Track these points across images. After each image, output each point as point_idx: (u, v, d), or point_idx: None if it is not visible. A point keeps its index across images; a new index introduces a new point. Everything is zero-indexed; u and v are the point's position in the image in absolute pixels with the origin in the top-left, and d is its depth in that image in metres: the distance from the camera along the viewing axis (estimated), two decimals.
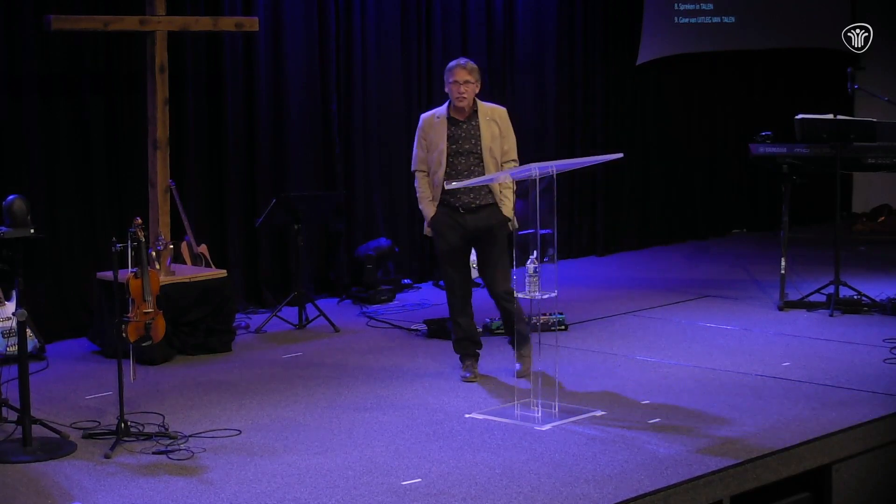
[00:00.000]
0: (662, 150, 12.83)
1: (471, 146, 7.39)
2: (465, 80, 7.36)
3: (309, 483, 5.82)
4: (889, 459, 6.73)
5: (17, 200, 6.44)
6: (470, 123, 7.42)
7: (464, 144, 7.39)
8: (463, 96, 7.36)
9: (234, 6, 9.56)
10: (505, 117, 7.51)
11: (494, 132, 7.43)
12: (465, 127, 7.42)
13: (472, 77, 7.39)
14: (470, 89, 7.38)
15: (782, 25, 13.50)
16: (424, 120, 7.54)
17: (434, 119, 7.48)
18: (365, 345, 8.61)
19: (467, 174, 7.31)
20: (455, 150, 7.40)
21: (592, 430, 6.56)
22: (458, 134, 7.42)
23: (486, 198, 7.40)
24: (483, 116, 7.43)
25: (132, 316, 7.06)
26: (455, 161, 7.40)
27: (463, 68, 7.40)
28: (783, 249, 9.54)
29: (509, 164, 7.44)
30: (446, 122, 7.43)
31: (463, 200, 7.40)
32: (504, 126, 7.48)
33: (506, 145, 7.48)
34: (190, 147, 9.46)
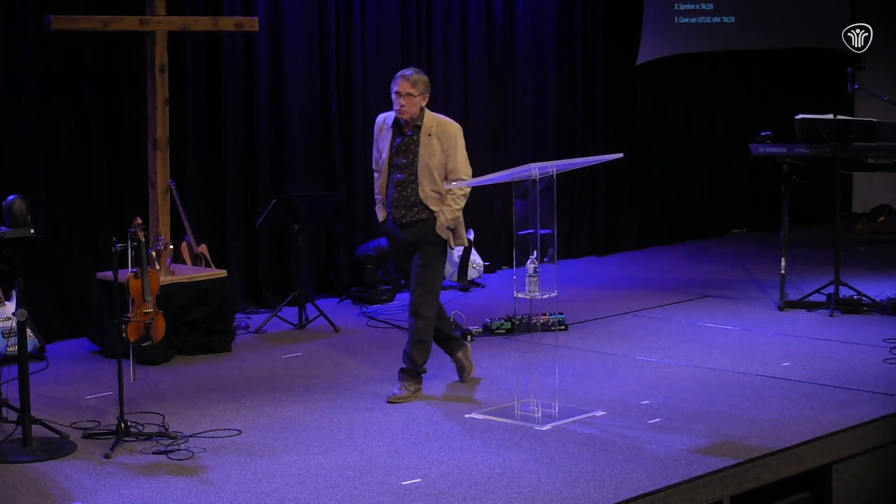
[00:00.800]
0: (662, 150, 12.83)
1: (407, 161, 7.13)
2: (406, 93, 7.03)
3: (309, 483, 5.82)
4: (889, 459, 6.73)
5: (17, 200, 6.44)
6: (411, 138, 7.14)
7: (402, 159, 7.14)
8: (403, 109, 7.05)
9: (234, 6, 9.56)
10: (453, 135, 7.11)
11: (434, 150, 7.08)
12: (406, 140, 7.15)
13: (414, 90, 7.02)
14: (412, 103, 7.03)
15: (782, 25, 13.50)
16: (378, 122, 7.31)
17: (384, 124, 7.25)
18: (365, 345, 8.61)
19: (401, 188, 7.13)
20: (394, 163, 7.17)
21: (592, 430, 6.56)
22: (399, 146, 7.16)
23: (420, 214, 7.15)
24: (425, 132, 7.10)
25: (132, 316, 7.06)
26: (393, 172, 7.19)
27: (406, 80, 7.05)
28: (783, 249, 9.54)
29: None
30: (392, 131, 7.18)
31: (396, 215, 7.21)
32: (449, 144, 7.09)
33: (451, 164, 7.10)
34: (190, 147, 9.46)
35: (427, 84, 7.12)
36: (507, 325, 8.73)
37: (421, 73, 7.13)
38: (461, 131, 7.18)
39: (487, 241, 11.23)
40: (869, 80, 11.87)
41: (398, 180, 7.16)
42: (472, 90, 11.28)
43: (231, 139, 9.69)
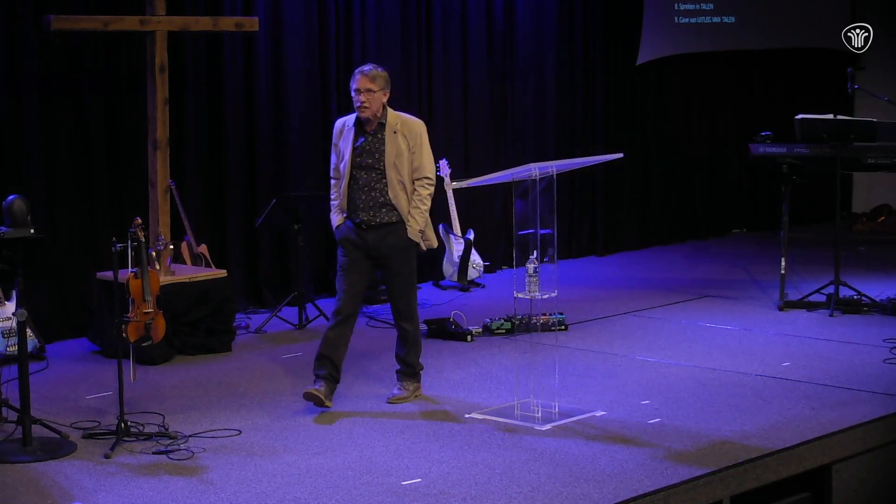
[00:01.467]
0: (662, 150, 12.83)
1: (373, 161, 6.90)
2: (366, 89, 6.83)
3: (309, 483, 5.82)
4: (889, 459, 6.73)
5: (17, 200, 6.44)
6: (375, 136, 6.92)
7: (366, 159, 6.91)
8: (364, 106, 6.84)
9: (234, 6, 9.56)
10: (418, 132, 6.95)
11: (400, 147, 6.90)
12: (370, 140, 6.93)
13: (374, 85, 6.84)
14: (372, 99, 6.84)
15: (782, 25, 13.50)
16: (337, 126, 7.08)
17: (344, 127, 7.01)
18: (365, 345, 8.61)
19: (368, 190, 6.89)
20: (358, 164, 6.92)
21: (592, 430, 6.56)
22: (363, 147, 6.93)
23: (389, 216, 6.92)
24: (389, 130, 6.92)
25: (132, 316, 7.06)
26: (357, 175, 6.94)
27: (365, 75, 6.88)
28: (783, 249, 9.54)
29: (421, 182, 6.95)
30: (353, 132, 6.96)
31: (363, 217, 6.93)
32: (415, 142, 6.93)
33: (416, 162, 6.93)
34: (190, 147, 9.46)
35: (387, 80, 6.94)
36: (507, 325, 8.73)
37: (380, 68, 6.97)
38: (425, 128, 7.03)
39: (487, 241, 11.24)
40: (869, 80, 11.88)
41: (364, 182, 6.92)
42: (472, 90, 11.28)
43: (231, 139, 9.69)
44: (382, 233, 6.95)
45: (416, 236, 6.98)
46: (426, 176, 6.97)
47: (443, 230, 10.57)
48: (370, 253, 6.99)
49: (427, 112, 10.94)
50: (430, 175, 6.99)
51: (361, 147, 6.93)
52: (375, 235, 6.95)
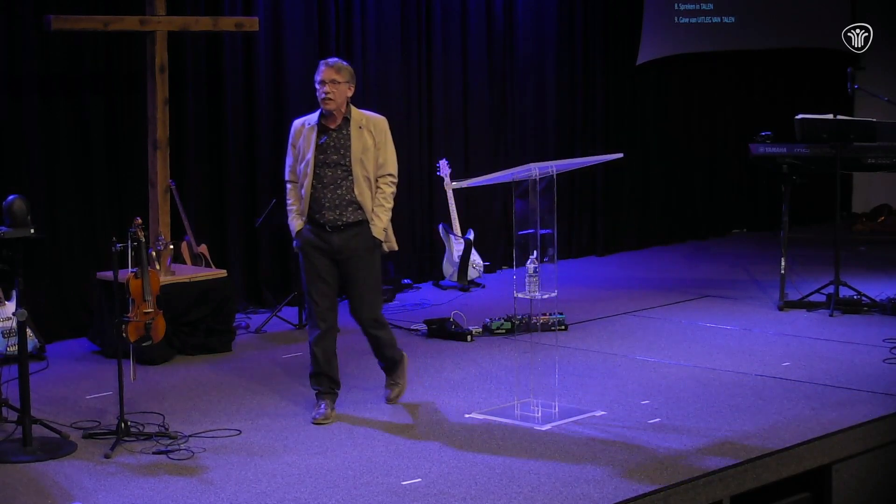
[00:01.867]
0: (662, 150, 12.83)
1: (339, 157, 6.71)
2: (330, 80, 6.64)
3: (309, 483, 5.82)
4: (889, 459, 6.73)
5: (17, 200, 6.44)
6: (340, 132, 6.74)
7: (331, 155, 6.70)
8: (329, 97, 6.64)
9: (234, 6, 9.56)
10: (382, 128, 6.81)
11: (367, 143, 6.73)
12: (334, 136, 6.73)
13: (339, 76, 6.65)
14: (337, 90, 6.65)
15: (782, 25, 13.50)
16: (295, 126, 6.86)
17: (304, 126, 6.80)
18: (365, 345, 8.57)
19: (334, 188, 6.69)
20: (322, 161, 6.70)
21: (592, 430, 6.56)
22: (327, 143, 6.72)
23: (355, 215, 6.72)
24: (355, 125, 6.75)
25: (132, 316, 7.06)
26: (322, 173, 6.71)
27: (330, 67, 6.69)
28: (783, 249, 9.54)
29: (385, 180, 6.79)
30: (316, 129, 6.75)
31: (328, 218, 6.70)
32: (380, 138, 6.78)
33: (381, 158, 6.77)
34: (190, 147, 9.46)
35: (352, 74, 6.76)
36: (507, 325, 8.73)
37: (344, 61, 6.79)
38: (388, 125, 6.88)
39: (487, 241, 11.24)
40: (869, 80, 11.87)
41: (330, 179, 6.70)
42: (472, 90, 11.28)
43: (231, 139, 9.69)
44: (348, 234, 6.73)
45: (381, 234, 6.78)
46: (390, 173, 6.80)
47: (443, 230, 10.58)
48: (335, 257, 6.75)
49: (427, 112, 10.95)
50: (394, 172, 6.83)
51: (326, 144, 6.72)
52: (341, 238, 6.72)
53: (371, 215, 6.74)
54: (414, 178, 10.87)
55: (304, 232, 6.77)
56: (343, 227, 6.71)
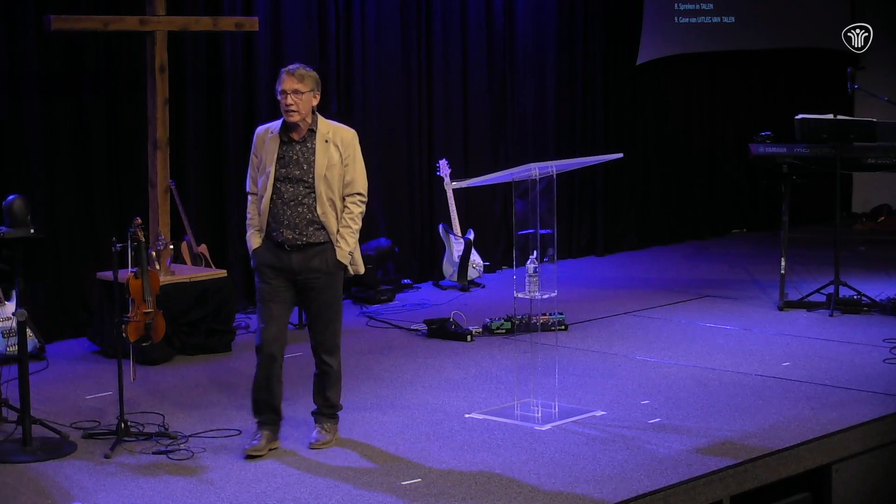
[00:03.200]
0: (662, 150, 12.83)
1: (301, 172, 6.18)
2: (293, 90, 6.16)
3: (309, 483, 5.82)
4: (889, 459, 6.73)
5: (17, 200, 6.44)
6: (304, 145, 6.23)
7: (294, 170, 6.18)
8: (291, 109, 6.16)
9: (234, 6, 9.56)
10: (351, 142, 6.33)
11: (332, 158, 6.23)
12: (297, 149, 6.22)
13: (303, 86, 6.18)
14: (300, 101, 6.18)
15: (782, 25, 13.50)
16: (257, 134, 6.34)
17: (267, 134, 6.28)
18: (365, 345, 8.61)
19: (294, 205, 6.17)
20: (283, 176, 6.18)
21: (592, 430, 6.56)
22: (290, 156, 6.21)
23: (316, 235, 6.22)
24: (321, 138, 6.25)
25: (132, 316, 7.06)
26: (282, 188, 6.18)
27: (291, 75, 6.19)
28: (783, 249, 9.54)
29: (353, 199, 6.31)
30: (278, 140, 6.24)
31: (287, 237, 6.18)
32: (347, 153, 6.29)
33: (348, 175, 6.27)
34: (190, 147, 9.46)
35: (317, 81, 6.30)
36: (507, 325, 8.73)
37: (308, 67, 6.31)
38: (357, 138, 6.43)
39: (487, 241, 11.24)
40: (869, 80, 11.88)
41: (290, 196, 6.19)
42: (472, 90, 11.27)
43: (231, 139, 9.69)
44: (308, 254, 6.22)
45: (346, 258, 6.32)
46: (359, 192, 6.33)
47: (443, 230, 10.58)
48: (293, 278, 6.25)
49: (427, 112, 10.94)
50: (363, 191, 6.35)
51: (288, 157, 6.21)
52: (300, 257, 6.21)
53: (336, 237, 6.27)
54: (414, 178, 10.86)
55: (261, 250, 6.26)
56: (303, 247, 6.20)
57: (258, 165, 6.31)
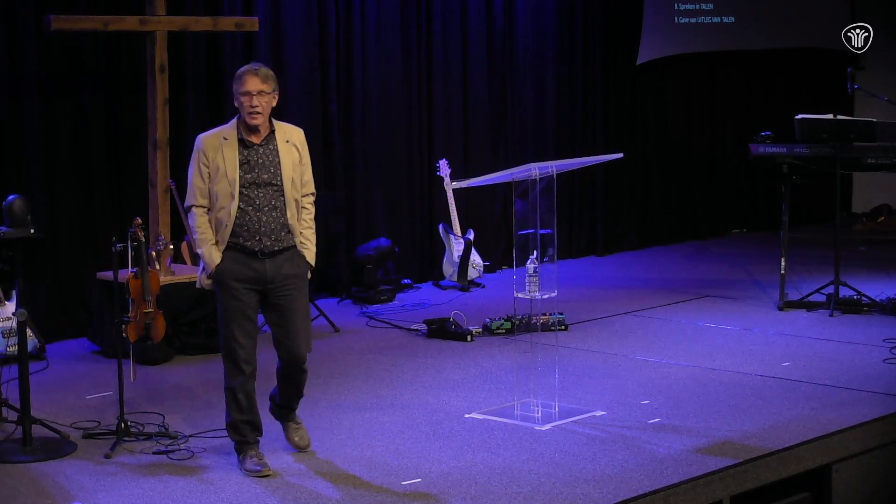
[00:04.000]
0: (662, 150, 12.83)
1: (269, 176, 5.94)
2: (258, 91, 5.93)
3: (309, 483, 5.82)
4: (889, 459, 6.73)
5: (17, 200, 6.44)
6: (267, 147, 5.99)
7: (261, 174, 5.93)
8: (256, 111, 5.93)
9: (234, 6, 9.56)
10: (304, 141, 6.11)
11: (295, 159, 6.03)
12: (261, 152, 5.97)
13: (267, 86, 5.97)
14: (265, 102, 5.97)
15: (782, 25, 13.50)
16: (205, 142, 6.05)
17: (220, 140, 5.99)
18: (365, 345, 8.61)
19: (269, 210, 5.95)
20: (251, 181, 5.92)
21: (592, 430, 6.56)
22: (254, 160, 5.95)
23: (287, 239, 6.00)
24: (282, 139, 6.02)
25: (132, 316, 7.06)
26: (251, 194, 5.92)
27: (255, 75, 5.95)
28: (783, 249, 9.54)
29: (309, 199, 6.14)
30: (237, 144, 5.96)
31: (265, 244, 5.92)
32: (303, 152, 6.08)
33: (305, 175, 6.09)
34: (190, 147, 9.43)
35: (277, 81, 6.11)
36: (507, 325, 8.73)
37: (266, 66, 6.12)
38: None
39: (487, 241, 11.24)
40: (869, 80, 11.87)
41: (263, 201, 5.95)
42: (472, 90, 11.27)
43: None
44: (279, 260, 5.98)
45: (313, 260, 6.13)
46: (313, 192, 6.19)
47: (443, 230, 10.57)
48: (264, 287, 5.99)
49: (427, 112, 10.94)
50: (314, 192, 6.21)
51: (253, 161, 5.95)
52: (273, 264, 5.96)
53: (301, 239, 6.07)
54: (414, 178, 10.86)
55: (226, 263, 5.93)
56: (275, 253, 5.97)
57: (208, 175, 5.98)
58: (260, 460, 5.99)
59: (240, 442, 6.06)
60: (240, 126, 6.03)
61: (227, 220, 5.92)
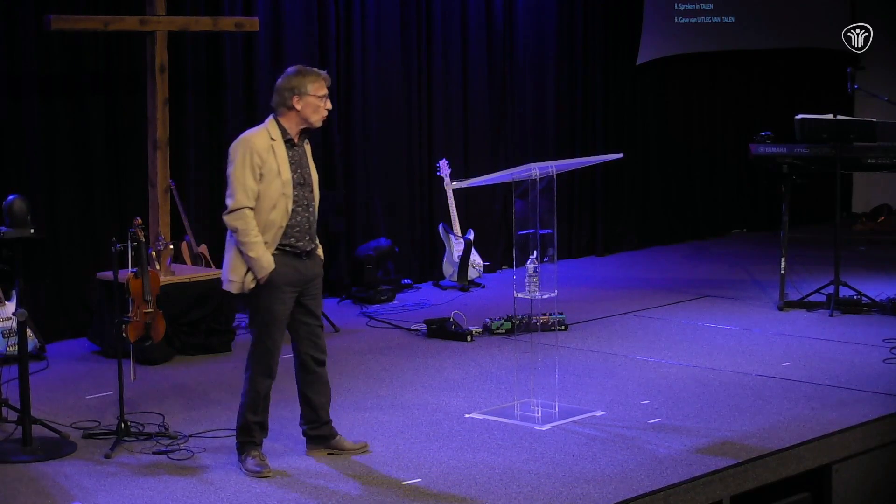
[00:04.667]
0: (662, 150, 12.83)
1: (307, 177, 6.05)
2: (326, 94, 6.00)
3: (309, 483, 5.82)
4: (889, 459, 6.73)
5: (17, 200, 6.44)
6: (302, 148, 6.06)
7: (303, 174, 6.01)
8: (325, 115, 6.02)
9: (234, 6, 9.56)
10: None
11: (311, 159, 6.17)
12: (300, 152, 6.04)
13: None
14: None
15: (782, 25, 13.50)
16: (256, 142, 5.91)
17: (269, 141, 5.92)
18: (365, 345, 8.61)
19: (313, 210, 6.09)
20: (297, 181, 5.97)
21: (592, 430, 6.56)
22: (296, 161, 6.00)
23: (316, 239, 6.16)
24: (303, 140, 6.09)
25: (132, 316, 7.07)
26: (299, 194, 5.99)
27: (325, 79, 6.00)
28: (783, 249, 9.54)
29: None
30: (284, 144, 5.96)
31: (305, 243, 6.02)
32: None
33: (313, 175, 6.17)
34: (190, 147, 9.46)
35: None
36: (507, 325, 8.73)
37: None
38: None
39: (487, 241, 11.23)
40: (869, 80, 11.87)
41: (306, 201, 6.04)
42: (472, 90, 11.27)
43: (231, 139, 9.59)
44: (315, 260, 6.11)
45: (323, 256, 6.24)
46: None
47: (443, 230, 10.58)
48: (303, 288, 6.05)
49: (427, 112, 10.94)
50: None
51: (296, 161, 6.00)
52: (311, 264, 6.07)
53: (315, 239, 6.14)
54: (414, 178, 10.86)
55: (279, 269, 5.93)
56: (312, 253, 6.09)
57: (259, 176, 5.89)
58: (261, 461, 5.99)
59: (246, 443, 6.07)
60: (282, 126, 5.98)
61: (281, 222, 5.92)
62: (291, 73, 6.01)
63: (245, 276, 5.92)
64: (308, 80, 5.95)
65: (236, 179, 5.88)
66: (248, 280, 5.92)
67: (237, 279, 5.94)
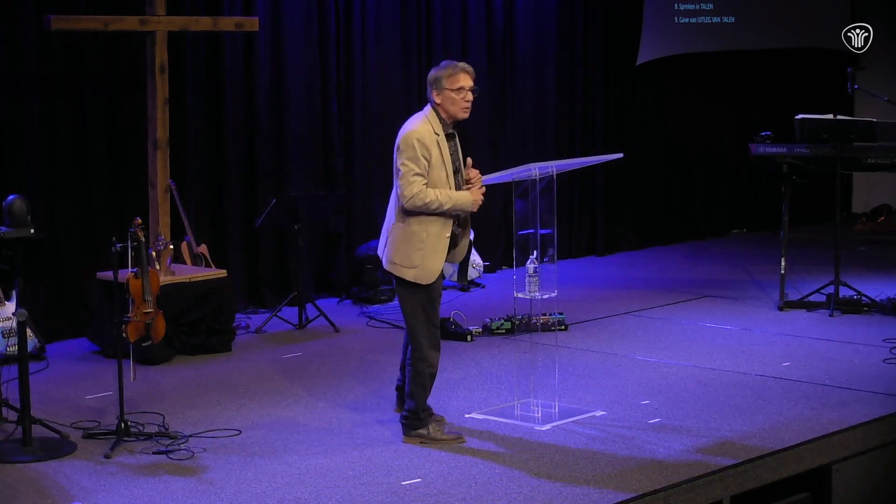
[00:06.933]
0: (662, 150, 12.83)
1: (459, 165, 6.40)
2: (470, 87, 6.27)
3: (309, 483, 5.82)
4: (889, 459, 6.73)
5: (17, 200, 6.44)
6: (455, 139, 6.39)
7: (457, 164, 6.37)
8: (469, 106, 6.29)
9: (234, 6, 9.56)
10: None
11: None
12: (453, 143, 6.35)
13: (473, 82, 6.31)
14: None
15: (782, 25, 13.51)
16: (425, 136, 6.18)
17: (432, 135, 6.21)
18: (365, 345, 8.61)
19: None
20: (455, 171, 6.36)
21: (592, 430, 6.56)
22: (454, 152, 6.35)
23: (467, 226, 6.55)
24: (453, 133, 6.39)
25: (132, 316, 7.06)
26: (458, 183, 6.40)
27: (467, 72, 6.26)
28: (783, 249, 9.54)
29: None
30: (444, 137, 6.27)
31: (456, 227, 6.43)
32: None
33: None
34: (190, 147, 9.46)
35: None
36: (507, 325, 8.73)
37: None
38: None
39: (487, 241, 11.24)
40: (869, 80, 11.87)
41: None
42: None
43: (231, 139, 9.69)
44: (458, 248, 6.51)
45: None
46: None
47: None
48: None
49: None
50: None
51: (454, 153, 6.33)
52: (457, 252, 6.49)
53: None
54: None
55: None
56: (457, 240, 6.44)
57: (426, 167, 6.16)
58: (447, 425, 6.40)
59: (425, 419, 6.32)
60: (441, 119, 6.25)
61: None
62: (435, 68, 6.31)
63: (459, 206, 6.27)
64: (444, 73, 6.22)
65: (405, 172, 6.17)
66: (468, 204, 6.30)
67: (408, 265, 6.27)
